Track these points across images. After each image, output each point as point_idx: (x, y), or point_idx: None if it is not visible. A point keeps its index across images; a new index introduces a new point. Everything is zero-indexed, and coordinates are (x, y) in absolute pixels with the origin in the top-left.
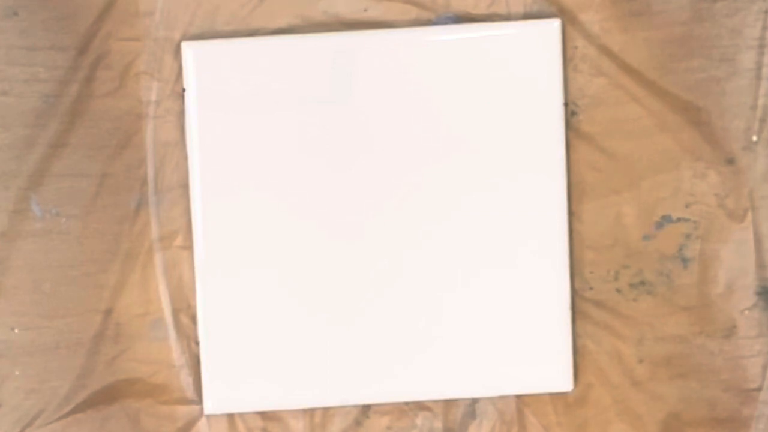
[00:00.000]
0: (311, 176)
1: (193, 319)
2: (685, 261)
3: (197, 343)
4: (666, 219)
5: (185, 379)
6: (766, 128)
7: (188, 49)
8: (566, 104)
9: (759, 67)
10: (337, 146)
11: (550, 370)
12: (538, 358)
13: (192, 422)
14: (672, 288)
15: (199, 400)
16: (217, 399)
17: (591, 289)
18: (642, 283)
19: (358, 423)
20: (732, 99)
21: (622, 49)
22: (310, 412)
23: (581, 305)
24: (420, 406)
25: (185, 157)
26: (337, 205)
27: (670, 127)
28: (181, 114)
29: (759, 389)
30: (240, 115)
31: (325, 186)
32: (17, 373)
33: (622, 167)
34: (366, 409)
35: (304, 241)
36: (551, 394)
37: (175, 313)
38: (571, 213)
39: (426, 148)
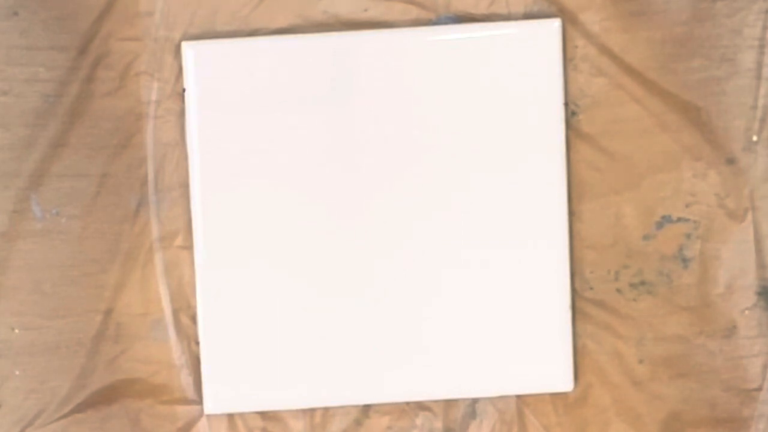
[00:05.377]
0: (311, 176)
1: (193, 319)
2: (685, 261)
3: (197, 343)
4: (666, 219)
5: (185, 379)
6: (766, 128)
7: (188, 49)
8: (566, 104)
9: (759, 67)
10: (337, 146)
11: (550, 370)
12: (538, 358)
13: (192, 422)
14: (672, 288)
15: (199, 400)
16: (217, 399)
17: (591, 289)
18: (642, 283)
19: (358, 423)
20: (732, 99)
21: (622, 49)
22: (310, 412)
23: (581, 305)
24: (420, 406)
25: (185, 157)
26: (337, 205)
27: (670, 127)
28: (181, 114)
29: (759, 389)
30: (240, 115)
31: (325, 186)
32: (17, 373)
33: (622, 167)
34: (366, 409)
35: (305, 241)
36: (551, 394)
37: (175, 313)
38: (571, 213)
39: (426, 148)
